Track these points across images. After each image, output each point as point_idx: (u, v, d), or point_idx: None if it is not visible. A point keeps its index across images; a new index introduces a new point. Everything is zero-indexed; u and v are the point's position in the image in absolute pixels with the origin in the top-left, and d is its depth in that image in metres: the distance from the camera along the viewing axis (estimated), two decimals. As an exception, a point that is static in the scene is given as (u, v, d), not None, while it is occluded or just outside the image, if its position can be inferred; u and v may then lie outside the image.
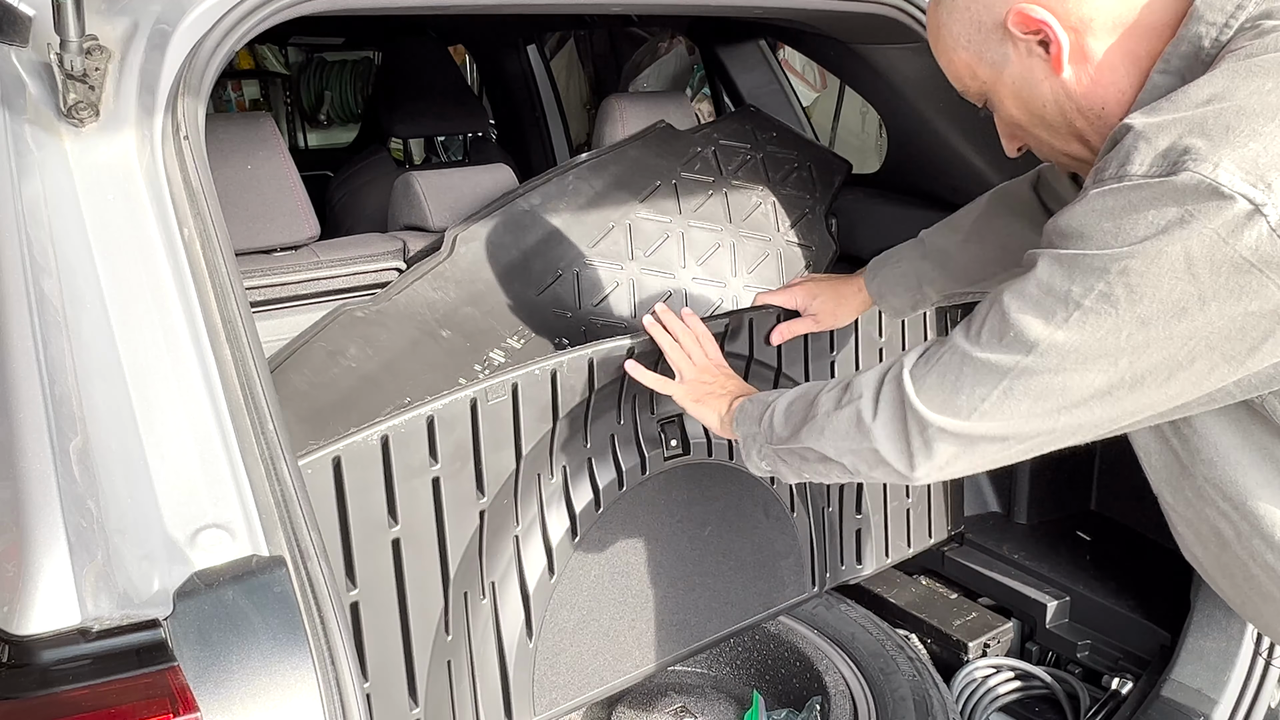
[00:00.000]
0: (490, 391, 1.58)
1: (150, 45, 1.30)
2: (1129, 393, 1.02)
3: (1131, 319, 0.96)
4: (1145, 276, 0.94)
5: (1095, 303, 0.97)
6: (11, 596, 0.94)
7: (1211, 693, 1.86)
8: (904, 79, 2.19)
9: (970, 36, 1.16)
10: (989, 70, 1.17)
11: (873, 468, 1.22)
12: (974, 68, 1.18)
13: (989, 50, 1.15)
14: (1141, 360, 0.99)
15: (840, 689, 2.01)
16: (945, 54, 1.22)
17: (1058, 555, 2.31)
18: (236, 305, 1.19)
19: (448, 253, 1.93)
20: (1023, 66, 1.13)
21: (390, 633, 1.53)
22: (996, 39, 1.13)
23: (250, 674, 1.00)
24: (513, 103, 4.09)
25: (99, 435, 1.06)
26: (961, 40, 1.17)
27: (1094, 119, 1.13)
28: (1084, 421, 1.07)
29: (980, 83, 1.20)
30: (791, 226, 2.35)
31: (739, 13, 2.39)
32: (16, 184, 1.17)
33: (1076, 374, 1.02)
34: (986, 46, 1.15)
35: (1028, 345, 1.03)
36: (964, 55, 1.18)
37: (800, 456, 1.35)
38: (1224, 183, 0.90)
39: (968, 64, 1.19)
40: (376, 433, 1.47)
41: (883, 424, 1.18)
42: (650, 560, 1.87)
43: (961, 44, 1.17)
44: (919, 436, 1.14)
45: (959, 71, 1.22)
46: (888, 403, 1.18)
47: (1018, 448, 1.13)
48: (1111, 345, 0.99)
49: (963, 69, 1.20)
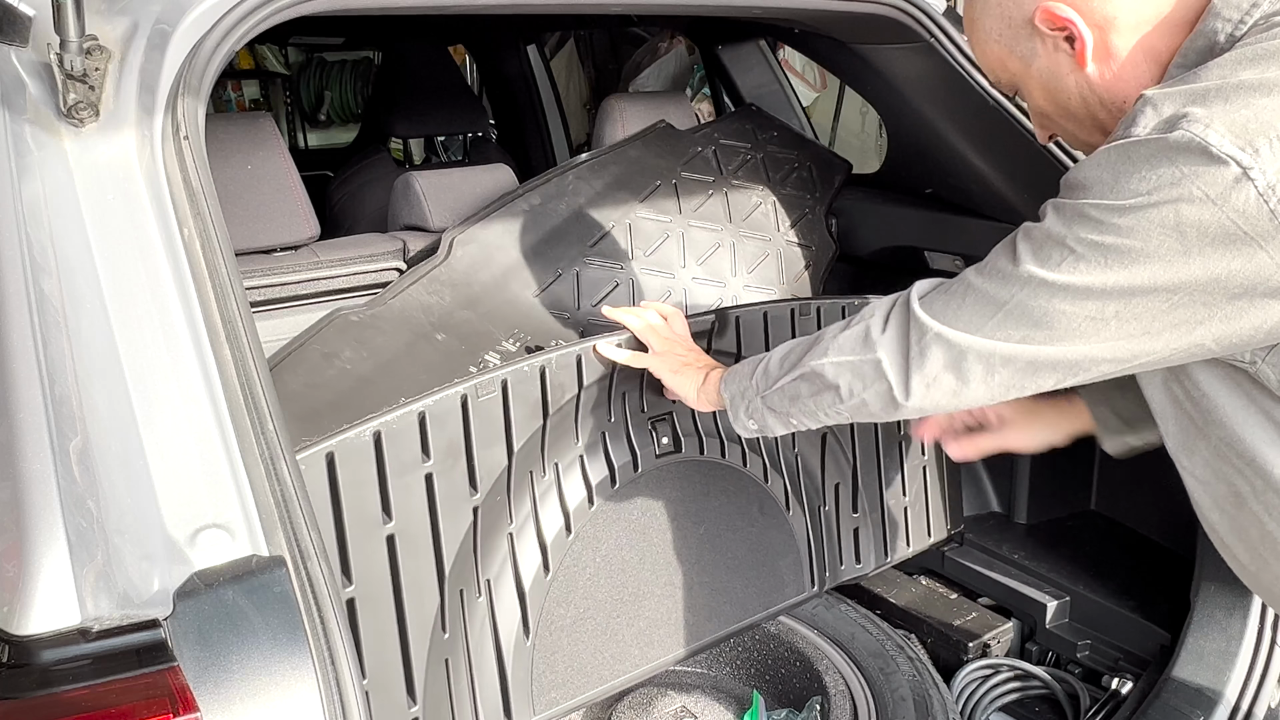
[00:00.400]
0: (480, 388, 1.60)
1: (150, 45, 1.30)
2: (1114, 338, 1.08)
3: (1120, 268, 1.03)
4: (1135, 230, 1.00)
5: (1088, 250, 1.04)
6: (11, 596, 0.94)
7: (1211, 693, 1.86)
8: (904, 79, 2.19)
9: (1001, 31, 1.22)
10: (1019, 63, 1.23)
11: (867, 385, 1.27)
12: (1005, 60, 1.24)
13: (1019, 44, 1.21)
14: (1128, 308, 1.04)
15: (840, 689, 2.01)
16: (979, 46, 1.28)
17: (1058, 555, 2.31)
18: (236, 305, 1.19)
19: (444, 256, 1.93)
20: (1050, 61, 1.19)
21: (387, 630, 1.54)
22: (1025, 34, 1.19)
23: (250, 674, 1.00)
24: (513, 103, 4.09)
25: (99, 435, 1.06)
26: (994, 34, 1.23)
27: (1115, 111, 1.18)
28: (1069, 359, 1.12)
29: (1011, 74, 1.26)
30: (791, 226, 2.35)
31: (739, 13, 2.39)
32: (16, 184, 1.17)
33: (1065, 315, 1.08)
34: (1016, 41, 1.21)
35: (1025, 282, 1.10)
36: (996, 48, 1.24)
37: (791, 396, 1.39)
38: (1213, 143, 0.95)
39: (999, 57, 1.25)
40: (369, 429, 1.48)
41: (889, 337, 1.24)
42: (646, 558, 1.87)
43: (994, 38, 1.23)
44: (917, 345, 1.20)
45: (992, 63, 1.27)
46: (896, 320, 1.25)
47: (1001, 375, 1.16)
48: (1099, 291, 1.05)
49: (995, 61, 1.26)
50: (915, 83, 2.18)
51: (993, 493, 2.53)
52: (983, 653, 2.24)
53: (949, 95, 2.13)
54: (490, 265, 1.97)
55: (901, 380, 1.23)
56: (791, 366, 1.39)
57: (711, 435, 1.94)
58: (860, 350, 1.28)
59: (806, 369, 1.36)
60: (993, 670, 2.22)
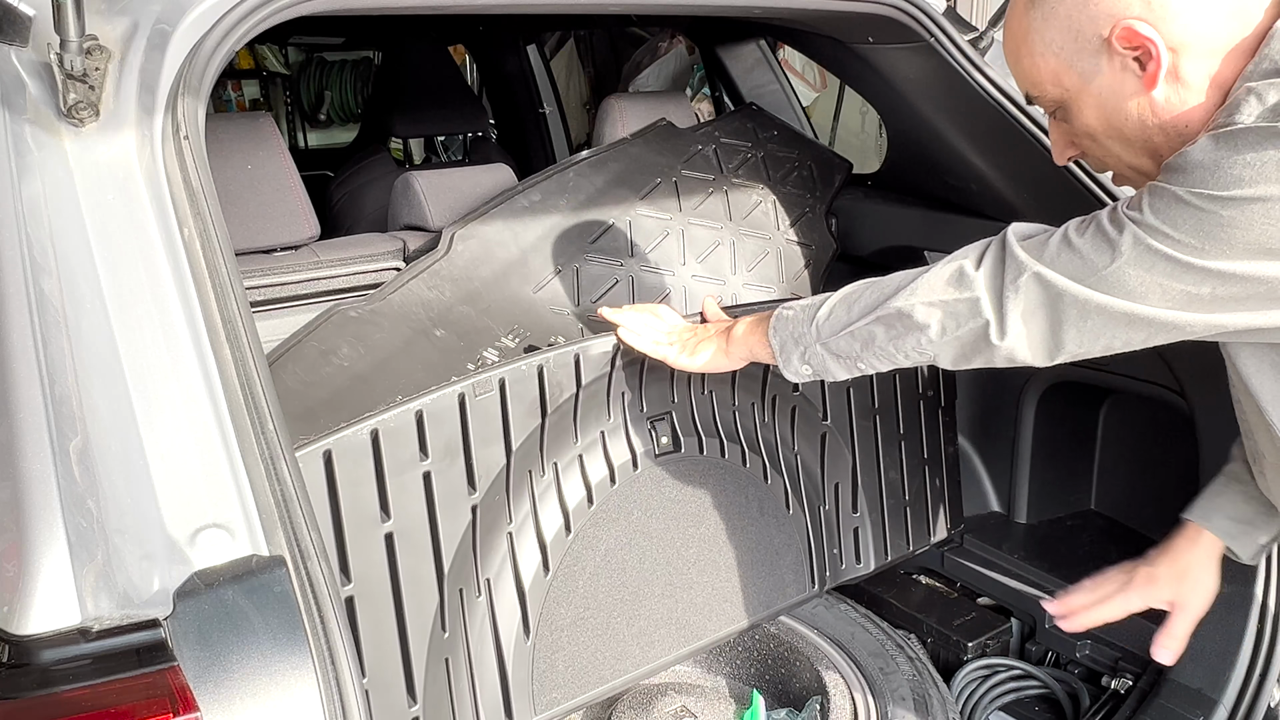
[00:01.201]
0: (478, 386, 1.60)
1: (150, 45, 1.30)
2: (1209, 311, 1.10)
3: (1221, 253, 1.05)
4: (1235, 218, 1.02)
5: (1189, 234, 1.06)
6: (11, 596, 0.94)
7: (1211, 693, 1.86)
8: (904, 79, 2.19)
9: (1064, 44, 1.19)
10: (1076, 79, 1.20)
11: (961, 325, 1.26)
12: (1060, 75, 1.21)
13: (1082, 60, 1.18)
14: (1224, 288, 1.07)
15: (840, 689, 2.01)
16: (1029, 57, 1.24)
17: (1058, 555, 2.31)
18: (236, 305, 1.19)
19: (444, 251, 1.93)
20: (1114, 80, 1.18)
21: (387, 629, 1.53)
22: (1092, 49, 1.17)
23: (250, 674, 1.00)
24: (513, 103, 4.09)
25: (99, 435, 1.06)
26: (1054, 46, 1.20)
27: (1173, 136, 1.18)
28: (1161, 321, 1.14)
29: (1062, 90, 1.23)
30: (791, 225, 2.35)
31: (739, 13, 2.39)
32: (16, 184, 1.17)
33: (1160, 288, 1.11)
34: (1080, 56, 1.18)
35: (1125, 254, 1.11)
36: (1052, 62, 1.21)
37: (864, 340, 1.37)
38: None
39: (1053, 70, 1.22)
40: (366, 427, 1.48)
41: (984, 273, 1.23)
42: (646, 558, 1.87)
43: (1053, 50, 1.20)
44: (1013, 283, 1.20)
45: (1040, 76, 1.24)
46: (992, 259, 1.24)
47: (1094, 321, 1.17)
48: (1197, 270, 1.07)
49: (1046, 74, 1.23)
50: (915, 83, 2.18)
51: (993, 493, 2.53)
52: (983, 653, 2.24)
53: (949, 95, 2.13)
54: (490, 261, 1.97)
55: (998, 318, 1.22)
56: (867, 310, 1.37)
57: (711, 435, 1.94)
58: (955, 289, 1.26)
59: (889, 310, 1.33)
60: (993, 670, 2.22)
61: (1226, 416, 1.87)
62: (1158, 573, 1.55)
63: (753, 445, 2.00)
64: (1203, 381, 1.90)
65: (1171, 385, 2.00)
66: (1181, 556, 1.54)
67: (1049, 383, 2.35)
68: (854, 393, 2.12)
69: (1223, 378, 1.76)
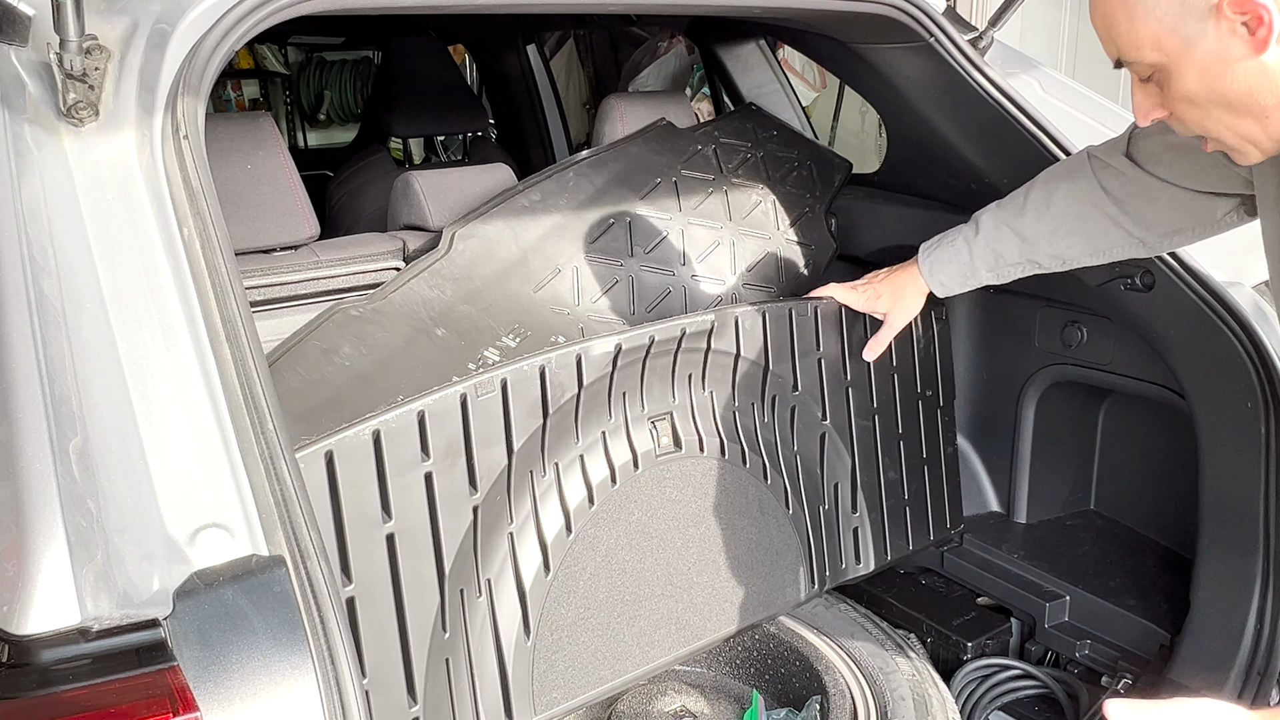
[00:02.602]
0: (480, 387, 1.60)
1: (150, 45, 1.30)
2: None
3: None
4: None
5: None
6: (11, 596, 0.94)
7: (1211, 693, 1.86)
8: (904, 79, 2.19)
9: (1169, 7, 1.15)
10: (1178, 44, 1.16)
11: None
12: (1161, 40, 1.17)
13: (1186, 24, 1.15)
14: None
15: (840, 689, 2.01)
16: (1127, 20, 1.19)
17: (1057, 555, 2.31)
18: (236, 305, 1.19)
19: (445, 250, 1.93)
20: (1220, 45, 1.14)
21: (387, 629, 1.53)
22: (1199, 14, 1.14)
23: (250, 674, 1.00)
24: (513, 102, 4.09)
25: (99, 435, 1.06)
26: (1157, 11, 1.16)
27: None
28: None
29: (1162, 54, 1.18)
30: (791, 225, 2.35)
31: (739, 13, 2.39)
32: (16, 184, 1.17)
33: None
34: (1185, 20, 1.15)
35: None
36: (1153, 26, 1.17)
37: None
38: None
39: (1154, 35, 1.17)
40: (368, 428, 1.48)
41: None
42: (647, 558, 1.87)
43: (1156, 14, 1.16)
44: None
45: (1139, 40, 1.19)
46: None
47: None
48: None
49: (1146, 39, 1.18)
50: (915, 83, 2.18)
51: (993, 492, 2.53)
52: (982, 652, 2.24)
53: (949, 95, 2.13)
54: (491, 260, 1.97)
55: None
56: None
57: (712, 435, 1.94)
58: None
59: None
60: (992, 670, 2.22)
61: (1226, 416, 1.88)
62: (881, 289, 2.02)
63: (753, 445, 2.00)
64: (1203, 381, 1.90)
65: (1171, 385, 2.00)
66: (905, 286, 1.99)
67: (1049, 383, 2.35)
68: (853, 393, 2.12)
69: (1222, 378, 1.76)
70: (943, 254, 1.91)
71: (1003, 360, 2.44)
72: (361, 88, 6.12)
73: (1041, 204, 1.76)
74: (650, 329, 1.81)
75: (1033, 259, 1.82)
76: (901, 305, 2.01)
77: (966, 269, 1.88)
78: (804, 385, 2.05)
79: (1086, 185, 1.71)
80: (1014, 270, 1.85)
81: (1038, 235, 1.78)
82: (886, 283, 2.02)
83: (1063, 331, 2.25)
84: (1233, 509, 1.88)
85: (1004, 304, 2.38)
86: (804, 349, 2.04)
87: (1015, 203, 1.82)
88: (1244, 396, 1.81)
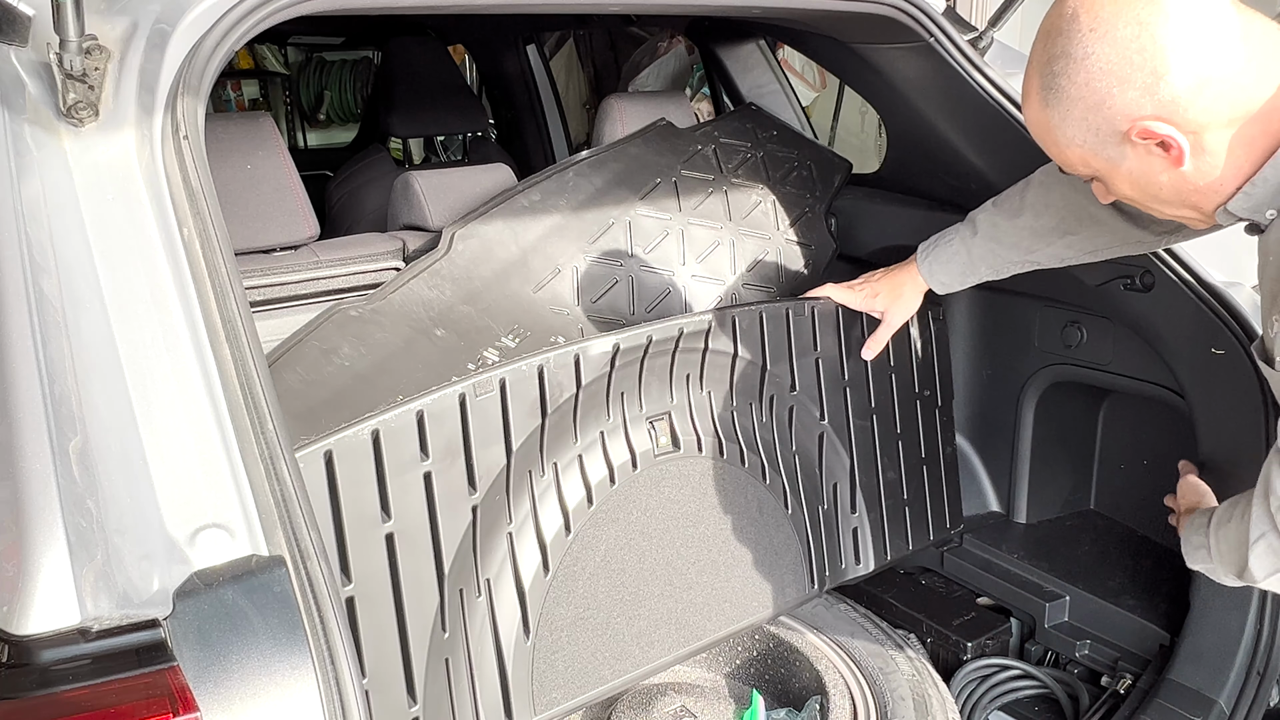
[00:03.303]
0: (478, 387, 1.60)
1: (150, 45, 1.30)
2: None
3: None
4: None
5: None
6: (11, 596, 0.94)
7: (1210, 693, 1.87)
8: (904, 79, 2.19)
9: (1085, 139, 1.25)
10: (1104, 163, 1.27)
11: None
12: (1088, 160, 1.28)
13: (1105, 149, 1.25)
14: None
15: (840, 689, 2.01)
16: (1054, 146, 1.31)
17: (1057, 555, 2.31)
18: (236, 305, 1.19)
19: (445, 250, 1.93)
20: (1141, 164, 1.24)
21: (387, 629, 1.53)
22: (1114, 142, 1.23)
23: (250, 674, 1.00)
24: (513, 102, 4.09)
25: (99, 435, 1.06)
26: (1076, 140, 1.26)
27: (1210, 194, 1.24)
28: None
29: (1093, 170, 1.30)
30: (791, 225, 2.35)
31: (739, 13, 2.39)
32: (16, 184, 1.17)
33: None
34: (1103, 147, 1.25)
35: None
36: (1078, 151, 1.27)
37: None
38: None
39: (1081, 156, 1.28)
40: (367, 427, 1.48)
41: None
42: (646, 558, 1.87)
43: (1075, 143, 1.27)
44: None
45: (1070, 160, 1.31)
46: None
47: None
48: None
49: (1075, 159, 1.30)
50: (915, 83, 2.18)
51: (993, 493, 2.53)
52: (982, 652, 2.24)
53: (949, 95, 2.13)
54: (490, 260, 1.97)
55: None
56: None
57: (710, 435, 1.94)
58: None
59: None
60: (992, 670, 2.22)
61: (1226, 416, 1.88)
62: (879, 288, 2.03)
63: (751, 445, 2.00)
64: (1203, 381, 1.91)
65: (1171, 385, 2.00)
66: (903, 285, 2.00)
67: (1049, 383, 2.35)
68: (852, 393, 2.12)
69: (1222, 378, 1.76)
70: (941, 254, 1.92)
71: (1002, 360, 2.44)
72: (361, 88, 6.12)
73: (1039, 204, 1.77)
74: (648, 329, 1.81)
75: (1031, 259, 1.83)
76: (899, 303, 2.02)
77: (966, 267, 1.90)
78: (802, 385, 2.05)
79: (1083, 185, 1.71)
80: (1014, 268, 1.87)
81: (1036, 235, 1.79)
82: (884, 281, 2.03)
83: (1063, 331, 2.25)
84: (1232, 509, 1.87)
85: (1004, 304, 2.38)
86: (801, 349, 2.04)
87: (1012, 202, 1.82)
88: (1244, 396, 1.82)
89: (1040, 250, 1.81)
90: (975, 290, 1.99)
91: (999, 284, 1.96)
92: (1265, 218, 1.25)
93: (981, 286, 1.96)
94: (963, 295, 2.05)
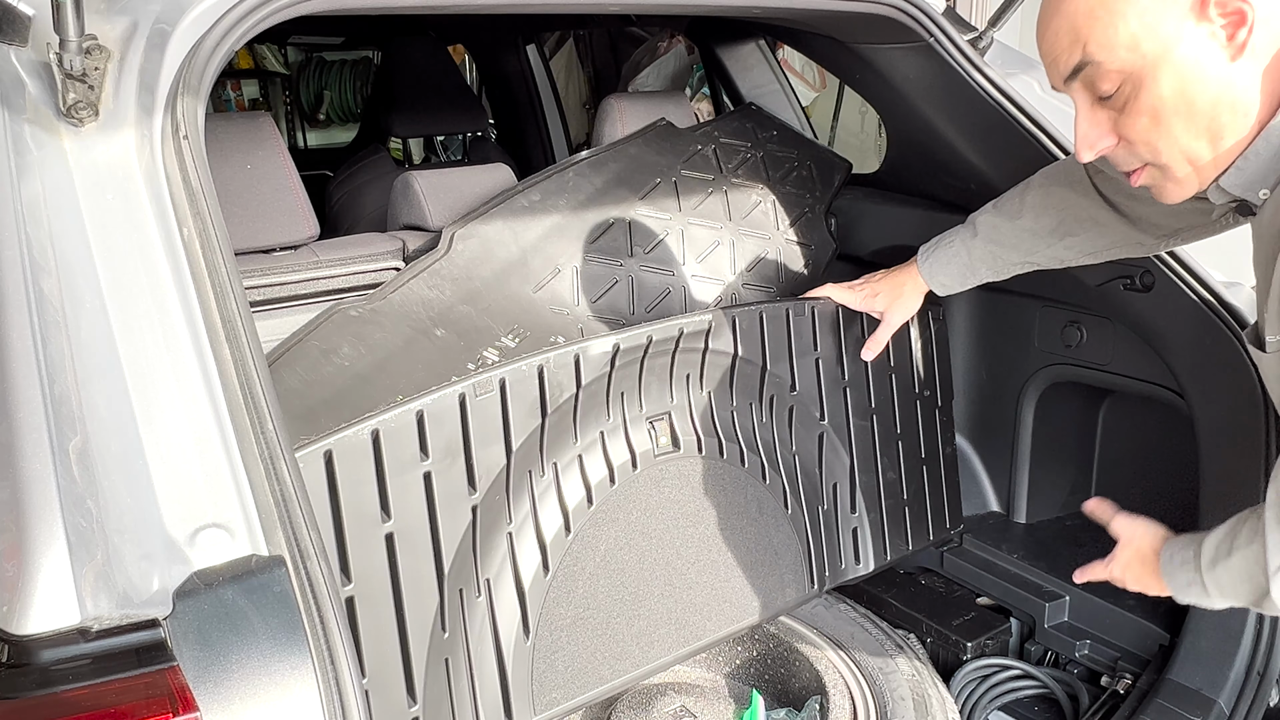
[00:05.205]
0: (478, 387, 1.60)
1: (150, 45, 1.30)
2: None
3: None
4: None
5: None
6: (11, 596, 0.94)
7: (1210, 693, 1.87)
8: (904, 79, 2.19)
9: (1154, 6, 1.13)
10: (1157, 45, 1.14)
11: None
12: (1139, 40, 1.14)
13: (1167, 24, 1.12)
14: None
15: (840, 689, 2.01)
16: (1107, 17, 1.15)
17: (1057, 555, 2.31)
18: (236, 305, 1.19)
19: (445, 250, 1.93)
20: (1198, 49, 1.13)
21: (386, 629, 1.53)
22: (1181, 15, 1.12)
23: (250, 674, 1.00)
24: (513, 102, 4.09)
25: (99, 435, 1.06)
26: (1137, 8, 1.13)
27: (1240, 116, 1.14)
28: None
29: (1138, 56, 1.15)
30: (791, 225, 2.35)
31: (739, 13, 2.39)
32: (16, 184, 1.17)
33: None
34: (1167, 20, 1.12)
35: None
36: (1134, 26, 1.14)
37: None
38: None
39: (1133, 35, 1.14)
40: (367, 427, 1.48)
41: None
42: (646, 558, 1.87)
43: (1135, 13, 1.13)
44: None
45: (1113, 41, 1.15)
46: None
47: None
48: None
49: (1123, 39, 1.15)
50: (915, 83, 2.18)
51: (992, 492, 2.53)
52: (982, 652, 2.24)
53: (949, 95, 2.13)
54: (490, 260, 1.97)
55: None
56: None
57: (710, 435, 1.94)
58: None
59: None
60: (992, 670, 2.22)
61: (1226, 416, 1.88)
62: (879, 288, 2.04)
63: (751, 445, 2.00)
64: (1203, 381, 1.90)
65: (1171, 385, 2.00)
66: (903, 285, 2.00)
67: (1049, 383, 2.35)
68: (851, 392, 2.12)
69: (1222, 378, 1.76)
70: (941, 255, 1.92)
71: (1002, 360, 2.44)
72: (361, 88, 6.13)
73: (1039, 206, 1.77)
74: (648, 329, 1.81)
75: (1032, 260, 1.83)
76: (899, 303, 2.03)
77: (966, 269, 1.90)
78: (802, 385, 2.05)
79: (1083, 187, 1.71)
80: (1014, 269, 1.87)
81: (1036, 237, 1.79)
82: (884, 282, 2.04)
83: (1063, 331, 2.25)
84: (1232, 509, 1.87)
85: (1004, 304, 2.38)
86: (801, 349, 2.04)
87: (1012, 204, 1.82)
88: (1244, 396, 1.82)
89: (1040, 252, 1.81)
90: (975, 290, 1.99)
91: (999, 284, 1.96)
92: (1258, 198, 1.19)
93: (981, 286, 1.96)
94: (963, 295, 2.04)
